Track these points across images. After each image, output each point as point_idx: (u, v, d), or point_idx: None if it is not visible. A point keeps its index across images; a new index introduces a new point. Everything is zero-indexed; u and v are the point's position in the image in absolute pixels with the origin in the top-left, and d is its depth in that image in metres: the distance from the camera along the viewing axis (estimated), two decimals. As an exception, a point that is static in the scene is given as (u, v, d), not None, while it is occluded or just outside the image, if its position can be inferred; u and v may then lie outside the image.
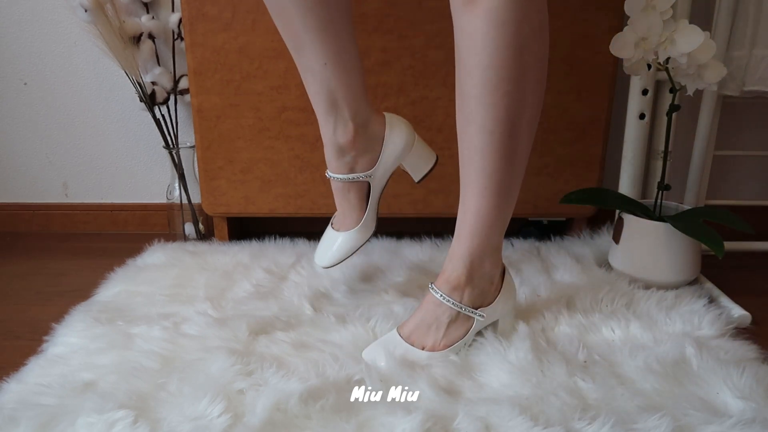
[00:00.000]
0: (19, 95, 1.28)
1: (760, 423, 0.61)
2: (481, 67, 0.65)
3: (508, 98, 0.66)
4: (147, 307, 0.89)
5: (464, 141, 0.71)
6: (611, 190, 1.02)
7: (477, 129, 0.68)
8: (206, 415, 0.62)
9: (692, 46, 0.84)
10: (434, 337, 0.75)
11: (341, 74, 0.77)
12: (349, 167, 0.83)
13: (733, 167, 1.29)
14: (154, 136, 1.28)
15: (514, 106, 0.67)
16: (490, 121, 0.67)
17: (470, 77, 0.66)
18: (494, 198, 0.72)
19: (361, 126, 0.81)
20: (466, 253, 0.75)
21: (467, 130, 0.70)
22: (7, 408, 0.65)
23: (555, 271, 1.01)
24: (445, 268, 0.77)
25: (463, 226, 0.75)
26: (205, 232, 1.26)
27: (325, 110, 0.79)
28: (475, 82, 0.65)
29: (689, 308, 0.87)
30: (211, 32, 1.05)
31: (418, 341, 0.75)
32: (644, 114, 1.12)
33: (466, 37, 0.65)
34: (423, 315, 0.76)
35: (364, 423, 0.62)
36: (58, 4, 1.21)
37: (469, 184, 0.73)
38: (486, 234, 0.74)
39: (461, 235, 0.75)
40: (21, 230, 1.36)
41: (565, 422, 0.62)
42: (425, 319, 0.76)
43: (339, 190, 0.85)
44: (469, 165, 0.72)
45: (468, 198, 0.73)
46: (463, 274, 0.75)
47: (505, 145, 0.68)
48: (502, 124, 0.67)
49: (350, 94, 0.79)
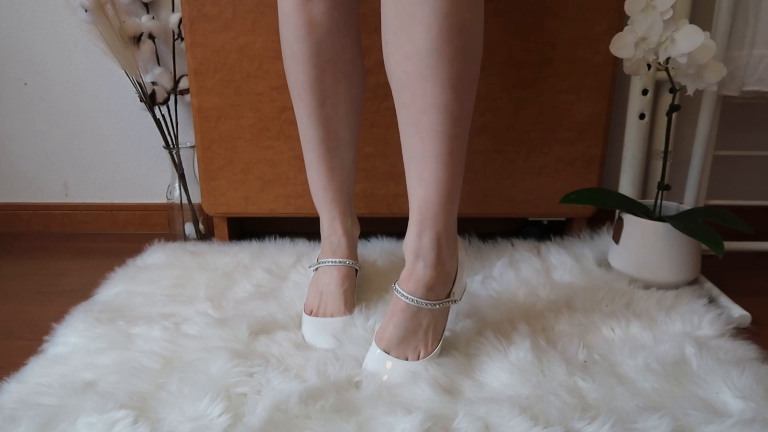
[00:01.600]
0: (19, 95, 1.28)
1: (760, 423, 0.61)
2: (439, 17, 0.60)
3: (463, 51, 0.63)
4: (147, 307, 0.89)
5: (414, 115, 0.66)
6: (611, 190, 1.02)
7: (438, 88, 0.63)
8: (206, 415, 0.62)
9: (692, 46, 0.84)
10: (424, 341, 0.72)
11: (353, 172, 0.89)
12: (352, 257, 0.89)
13: (733, 167, 1.29)
14: (154, 136, 1.28)
15: (471, 62, 0.64)
16: (450, 78, 0.63)
17: (427, 30, 0.60)
18: (451, 164, 0.67)
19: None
20: (434, 243, 0.70)
21: (421, 89, 0.64)
22: (7, 408, 0.65)
23: (555, 271, 1.01)
24: (413, 269, 0.71)
25: (422, 207, 0.69)
26: (205, 232, 1.26)
27: (345, 206, 0.89)
28: (434, 35, 0.61)
29: (689, 308, 0.87)
30: (211, 32, 1.05)
31: (405, 353, 0.71)
32: (644, 114, 1.12)
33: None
34: (402, 323, 0.71)
35: (364, 423, 0.62)
36: (58, 4, 1.21)
37: (426, 154, 0.66)
38: (449, 211, 0.69)
39: (423, 219, 0.69)
40: (21, 230, 1.36)
41: (565, 422, 0.62)
42: (407, 328, 0.71)
43: (348, 277, 0.86)
44: (422, 133, 0.66)
45: (425, 176, 0.67)
46: (434, 270, 0.70)
47: (460, 103, 0.65)
48: (460, 80, 0.63)
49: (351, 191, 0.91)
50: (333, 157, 0.86)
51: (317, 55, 0.79)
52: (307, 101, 0.82)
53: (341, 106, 0.83)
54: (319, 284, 0.86)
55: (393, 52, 0.65)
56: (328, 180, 0.87)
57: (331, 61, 0.80)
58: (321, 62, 0.79)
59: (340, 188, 0.88)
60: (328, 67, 0.80)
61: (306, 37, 0.77)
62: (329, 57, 0.79)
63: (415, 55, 0.62)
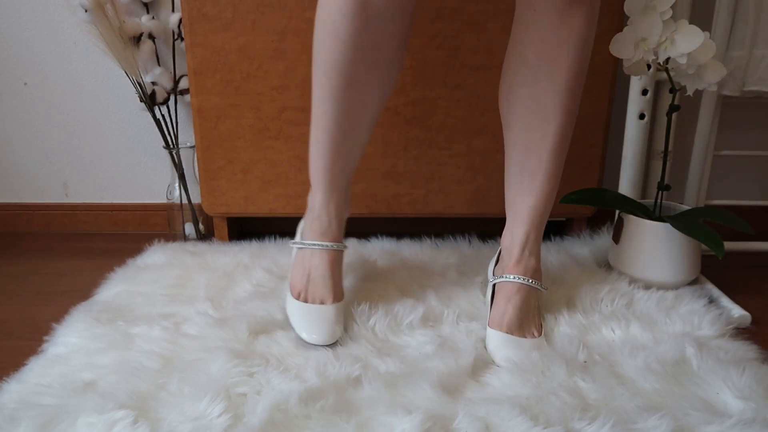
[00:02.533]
0: (19, 95, 1.28)
1: (760, 423, 0.61)
2: (578, 60, 0.73)
3: (582, 88, 0.77)
4: (147, 307, 0.89)
5: (536, 139, 0.78)
6: (611, 190, 1.02)
7: (563, 119, 0.77)
8: (206, 415, 0.62)
9: (692, 47, 0.84)
10: (536, 321, 0.81)
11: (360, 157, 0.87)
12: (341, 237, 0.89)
13: (733, 167, 1.29)
14: (154, 136, 1.28)
15: (581, 93, 0.78)
16: (573, 109, 0.77)
17: (567, 70, 0.73)
18: (557, 178, 0.81)
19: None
20: (537, 237, 0.83)
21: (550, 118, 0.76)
22: (7, 408, 0.65)
23: (555, 271, 1.01)
24: (517, 257, 0.82)
25: (532, 211, 0.82)
26: (205, 232, 1.26)
27: (344, 190, 0.87)
28: (572, 74, 0.74)
29: (689, 308, 0.87)
30: (211, 32, 1.05)
31: (525, 333, 0.78)
32: (644, 114, 1.12)
33: (566, 33, 0.71)
34: (519, 304, 0.79)
35: (364, 423, 0.62)
36: (58, 4, 1.21)
37: (538, 171, 0.80)
38: (547, 213, 0.83)
39: (531, 220, 0.82)
40: (21, 230, 1.36)
41: (565, 422, 0.62)
42: (522, 309, 0.79)
43: (336, 261, 0.86)
44: (542, 154, 0.79)
45: (537, 184, 0.80)
46: (535, 258, 0.83)
47: (572, 128, 0.79)
48: (575, 110, 0.78)
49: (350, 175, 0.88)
50: (345, 139, 0.81)
51: (361, 36, 0.71)
52: (334, 82, 0.75)
53: (369, 93, 0.78)
54: (306, 265, 0.85)
55: (526, 85, 0.76)
56: (333, 161, 0.82)
57: (375, 47, 0.73)
58: (363, 45, 0.72)
59: (341, 171, 0.84)
60: (370, 52, 0.73)
61: (355, 16, 0.70)
62: (374, 42, 0.72)
63: (551, 89, 0.74)
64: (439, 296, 0.91)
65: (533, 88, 0.75)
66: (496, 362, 0.75)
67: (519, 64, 0.76)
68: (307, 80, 1.07)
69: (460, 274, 1.00)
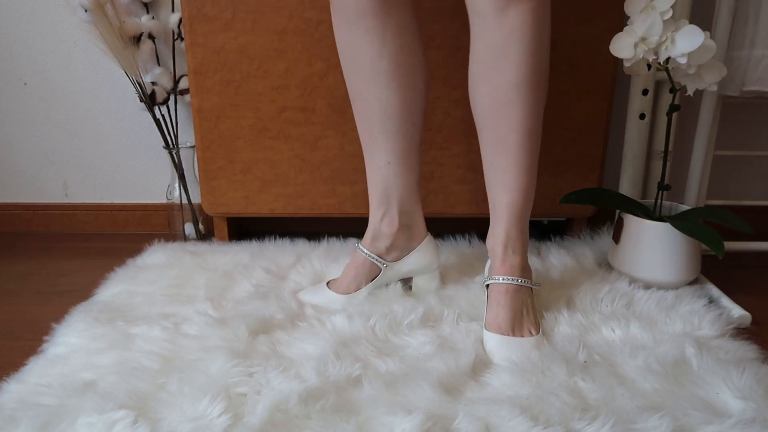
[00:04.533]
0: (19, 95, 1.28)
1: (760, 423, 0.61)
2: (528, 55, 0.72)
3: (544, 81, 0.76)
4: (147, 307, 0.89)
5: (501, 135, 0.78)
6: (611, 190, 1.02)
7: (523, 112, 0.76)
8: (206, 415, 0.62)
9: (692, 46, 0.84)
10: (532, 320, 0.80)
11: (400, 174, 0.88)
12: (377, 251, 0.91)
13: (733, 167, 1.29)
14: (154, 136, 1.28)
15: (545, 89, 0.77)
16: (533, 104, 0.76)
17: (517, 66, 0.73)
18: (531, 172, 0.80)
19: (405, 226, 0.91)
20: (519, 235, 0.83)
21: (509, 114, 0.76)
22: (7, 408, 0.65)
23: (555, 271, 1.01)
24: (501, 257, 0.83)
25: (509, 209, 0.82)
26: (205, 232, 1.26)
27: (378, 201, 0.90)
28: (523, 70, 0.73)
29: (689, 308, 0.87)
30: (211, 32, 1.05)
31: (521, 333, 0.78)
32: (644, 114, 1.12)
33: (508, 31, 0.71)
34: (509, 303, 0.79)
35: (364, 423, 0.62)
36: (58, 4, 1.21)
37: (508, 168, 0.80)
38: (528, 209, 0.83)
39: (510, 218, 0.82)
40: (21, 230, 1.36)
41: (565, 422, 0.62)
42: (513, 308, 0.79)
43: (358, 261, 0.91)
44: (509, 149, 0.79)
45: (510, 181, 0.80)
46: (520, 256, 0.83)
47: (538, 123, 0.79)
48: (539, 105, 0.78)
49: (404, 193, 0.89)
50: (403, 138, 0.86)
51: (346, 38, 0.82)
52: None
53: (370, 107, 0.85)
54: (353, 264, 0.92)
55: (482, 83, 0.77)
56: (392, 172, 0.88)
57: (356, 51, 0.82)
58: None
59: (395, 184, 0.89)
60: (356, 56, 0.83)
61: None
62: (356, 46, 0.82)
63: (505, 86, 0.75)
64: (439, 296, 0.91)
65: (489, 86, 0.76)
66: (496, 362, 0.75)
67: (475, 64, 0.78)
68: (307, 80, 1.07)
69: (460, 274, 1.00)
